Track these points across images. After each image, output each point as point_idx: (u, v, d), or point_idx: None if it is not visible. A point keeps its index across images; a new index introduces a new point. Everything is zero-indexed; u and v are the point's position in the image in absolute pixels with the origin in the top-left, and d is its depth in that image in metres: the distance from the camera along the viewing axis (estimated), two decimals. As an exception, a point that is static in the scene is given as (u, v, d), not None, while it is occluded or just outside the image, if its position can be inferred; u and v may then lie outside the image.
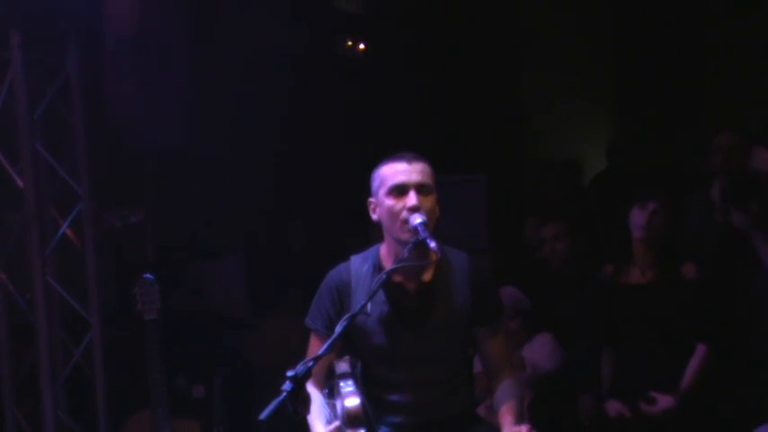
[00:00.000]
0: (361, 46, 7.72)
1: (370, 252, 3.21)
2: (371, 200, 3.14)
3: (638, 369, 4.17)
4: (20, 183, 4.60)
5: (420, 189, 3.03)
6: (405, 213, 2.99)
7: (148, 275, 4.48)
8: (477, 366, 3.57)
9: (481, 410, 3.91)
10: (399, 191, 3.03)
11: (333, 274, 3.20)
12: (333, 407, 3.10)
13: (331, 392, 3.15)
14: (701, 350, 4.12)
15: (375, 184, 3.12)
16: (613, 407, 4.17)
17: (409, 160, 3.07)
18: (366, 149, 6.44)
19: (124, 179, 5.65)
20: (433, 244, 2.88)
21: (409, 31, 7.46)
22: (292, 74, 6.44)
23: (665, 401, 4.06)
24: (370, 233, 4.57)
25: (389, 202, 3.04)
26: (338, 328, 2.74)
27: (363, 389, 3.07)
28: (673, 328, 4.13)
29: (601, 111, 9.19)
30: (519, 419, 3.04)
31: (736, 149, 4.43)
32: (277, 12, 6.25)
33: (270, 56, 6.19)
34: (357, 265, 3.18)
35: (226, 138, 5.99)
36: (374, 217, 3.13)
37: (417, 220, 2.95)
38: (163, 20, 4.81)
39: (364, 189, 3.19)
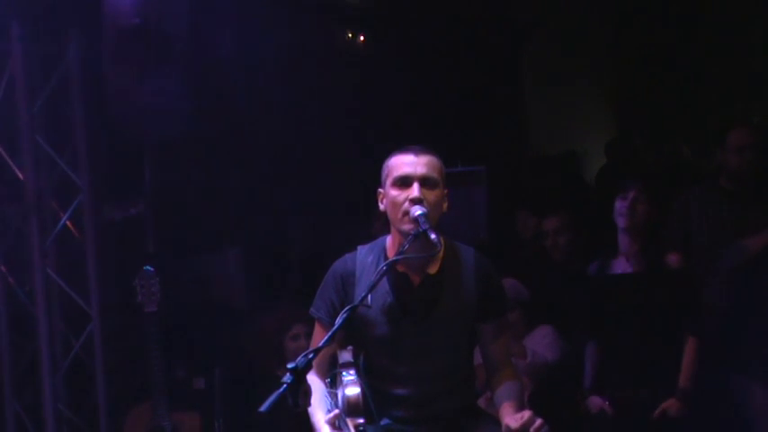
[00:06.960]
0: (361, 38, 7.71)
1: (376, 243, 3.22)
2: (380, 190, 3.15)
3: (622, 362, 4.15)
4: (20, 175, 4.59)
5: (424, 182, 3.03)
6: (407, 204, 3.00)
7: (149, 268, 4.48)
8: (478, 358, 3.56)
9: (482, 402, 3.91)
10: (404, 182, 3.03)
11: (338, 264, 3.20)
12: (334, 396, 3.11)
13: (333, 382, 3.16)
14: (692, 344, 4.11)
15: (383, 174, 3.13)
16: (595, 402, 4.16)
17: (417, 152, 3.07)
18: (366, 142, 6.45)
19: (124, 171, 5.64)
20: (433, 236, 2.88)
21: (409, 22, 7.45)
22: (292, 66, 6.43)
23: (672, 408, 4.03)
24: (372, 226, 4.57)
25: (394, 192, 3.04)
26: (338, 320, 2.74)
27: (366, 381, 3.07)
28: (658, 319, 4.11)
29: (602, 103, 9.19)
30: None
31: (750, 147, 4.32)
32: (277, 3, 6.24)
33: (270, 48, 6.17)
34: (363, 256, 3.18)
35: (226, 129, 5.98)
36: (381, 207, 3.14)
37: (418, 211, 2.95)
38: (163, 10, 4.80)
39: (364, 181, 3.19)
